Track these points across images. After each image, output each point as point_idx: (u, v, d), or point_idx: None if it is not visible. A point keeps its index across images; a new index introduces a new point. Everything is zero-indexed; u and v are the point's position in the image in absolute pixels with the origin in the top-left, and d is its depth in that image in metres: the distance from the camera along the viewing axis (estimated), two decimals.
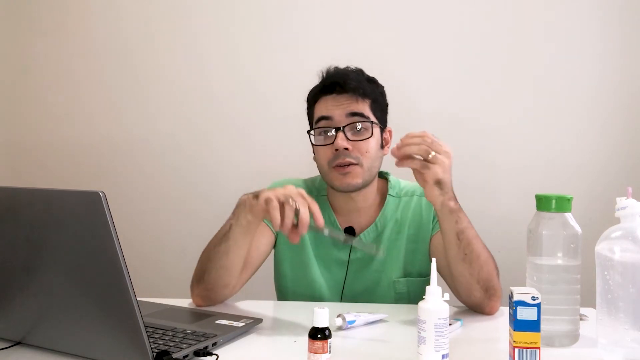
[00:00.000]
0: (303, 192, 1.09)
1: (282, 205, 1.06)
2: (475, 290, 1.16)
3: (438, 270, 0.92)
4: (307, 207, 1.06)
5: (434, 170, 1.07)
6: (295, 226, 1.06)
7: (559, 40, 1.82)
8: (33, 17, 2.06)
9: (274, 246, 1.38)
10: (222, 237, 1.19)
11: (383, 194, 1.37)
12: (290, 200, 1.05)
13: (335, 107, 1.28)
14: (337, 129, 1.26)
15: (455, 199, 1.13)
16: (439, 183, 1.09)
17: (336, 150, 1.25)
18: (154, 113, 1.99)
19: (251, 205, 1.12)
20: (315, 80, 1.35)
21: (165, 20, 1.98)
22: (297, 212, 1.05)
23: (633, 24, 1.80)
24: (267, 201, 1.06)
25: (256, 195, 1.12)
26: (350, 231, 1.33)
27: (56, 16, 2.04)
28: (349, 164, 1.25)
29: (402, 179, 1.41)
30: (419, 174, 1.10)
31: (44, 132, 2.06)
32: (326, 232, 1.10)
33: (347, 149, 1.24)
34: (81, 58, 2.03)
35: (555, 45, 1.83)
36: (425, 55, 1.87)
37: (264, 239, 1.33)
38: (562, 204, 0.99)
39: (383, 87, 1.37)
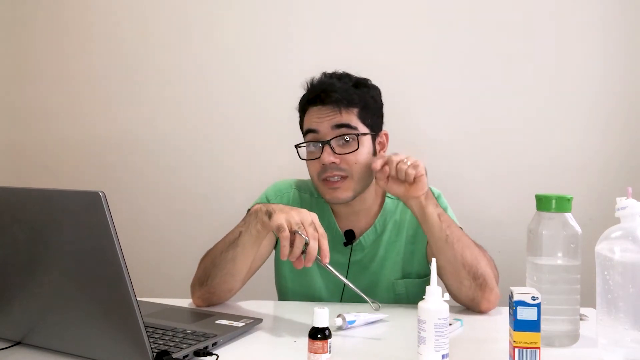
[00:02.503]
0: (316, 219, 1.08)
1: (292, 234, 1.04)
2: (463, 279, 1.16)
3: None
4: (317, 240, 1.05)
5: (423, 179, 1.18)
6: (302, 252, 1.05)
7: (560, 41, 1.82)
8: (32, 17, 2.06)
9: (275, 247, 1.38)
10: (230, 244, 1.18)
11: (382, 196, 1.37)
12: (302, 230, 1.04)
13: (320, 120, 1.26)
14: (323, 143, 1.24)
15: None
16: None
17: (323, 164, 1.24)
18: (154, 114, 1.99)
19: (263, 222, 1.11)
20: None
21: (164, 21, 1.98)
22: (306, 242, 1.05)
23: (634, 24, 1.80)
24: (279, 228, 1.04)
25: (269, 213, 1.09)
26: (349, 235, 1.33)
27: (56, 16, 2.04)
28: (339, 178, 1.24)
29: None
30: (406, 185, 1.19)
31: (44, 132, 2.06)
32: (329, 268, 1.09)
33: (334, 162, 1.24)
34: (80, 58, 2.03)
35: (555, 45, 1.82)
36: (425, 55, 1.87)
37: (264, 241, 1.33)
38: (562, 204, 0.99)
39: (376, 88, 1.35)
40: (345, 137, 1.25)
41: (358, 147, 1.25)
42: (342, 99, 1.25)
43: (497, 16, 1.84)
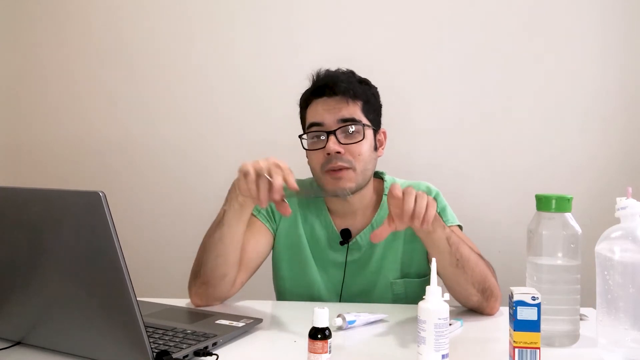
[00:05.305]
0: (280, 162, 1.08)
1: (258, 178, 1.06)
2: (472, 295, 1.16)
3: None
4: (280, 176, 1.06)
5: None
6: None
7: (560, 41, 1.82)
8: (33, 18, 2.06)
9: (273, 247, 1.38)
10: (216, 225, 1.19)
11: (379, 194, 1.36)
12: (265, 172, 1.06)
13: (325, 112, 1.26)
14: (329, 133, 1.25)
15: None
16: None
17: (328, 154, 1.24)
18: (153, 114, 1.99)
19: (240, 185, 1.10)
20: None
21: (164, 22, 1.98)
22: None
23: (633, 24, 1.80)
24: (244, 173, 1.06)
25: (240, 170, 1.10)
26: (346, 233, 1.33)
27: (56, 16, 2.04)
28: (342, 168, 1.24)
29: (399, 178, 1.41)
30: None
31: (44, 132, 2.06)
32: (303, 194, 1.11)
33: (339, 152, 1.24)
34: (81, 59, 2.03)
35: (555, 45, 1.82)
36: (424, 55, 1.87)
37: (262, 239, 1.33)
38: (562, 204, 0.99)
39: (376, 88, 1.36)
40: (350, 128, 1.25)
41: (363, 138, 1.26)
42: (348, 89, 1.26)
43: (498, 16, 1.84)
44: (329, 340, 0.85)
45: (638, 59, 1.80)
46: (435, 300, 0.86)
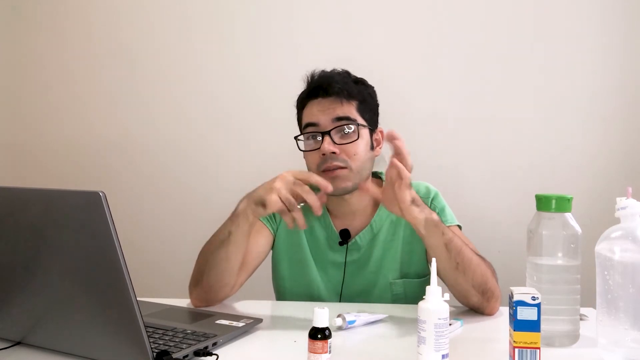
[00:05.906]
0: (296, 174, 1.13)
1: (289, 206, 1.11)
2: (472, 296, 1.16)
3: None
4: (311, 193, 1.11)
5: (407, 190, 1.10)
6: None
7: (560, 41, 1.82)
8: (33, 18, 2.06)
9: (272, 247, 1.38)
10: (220, 244, 1.19)
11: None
12: (294, 200, 1.10)
13: (320, 113, 1.27)
14: (324, 134, 1.25)
15: (433, 212, 1.14)
16: (413, 201, 1.10)
17: (323, 154, 1.24)
18: (154, 114, 1.99)
19: (255, 213, 1.14)
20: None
21: (165, 22, 1.98)
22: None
23: (633, 24, 1.80)
24: (281, 213, 1.12)
25: (263, 204, 1.11)
26: (345, 234, 1.33)
27: (56, 16, 2.04)
28: (337, 168, 1.24)
29: None
30: (392, 200, 1.11)
31: (44, 132, 2.06)
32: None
33: (334, 152, 1.24)
34: (81, 59, 2.03)
35: (555, 45, 1.82)
36: (424, 55, 1.87)
37: (262, 239, 1.33)
38: (562, 204, 0.99)
39: (373, 87, 1.36)
40: (345, 128, 1.26)
41: (358, 138, 1.26)
42: (343, 89, 1.26)
43: (498, 16, 1.84)
44: (329, 340, 0.85)
45: (638, 59, 1.80)
46: (435, 300, 0.86)
